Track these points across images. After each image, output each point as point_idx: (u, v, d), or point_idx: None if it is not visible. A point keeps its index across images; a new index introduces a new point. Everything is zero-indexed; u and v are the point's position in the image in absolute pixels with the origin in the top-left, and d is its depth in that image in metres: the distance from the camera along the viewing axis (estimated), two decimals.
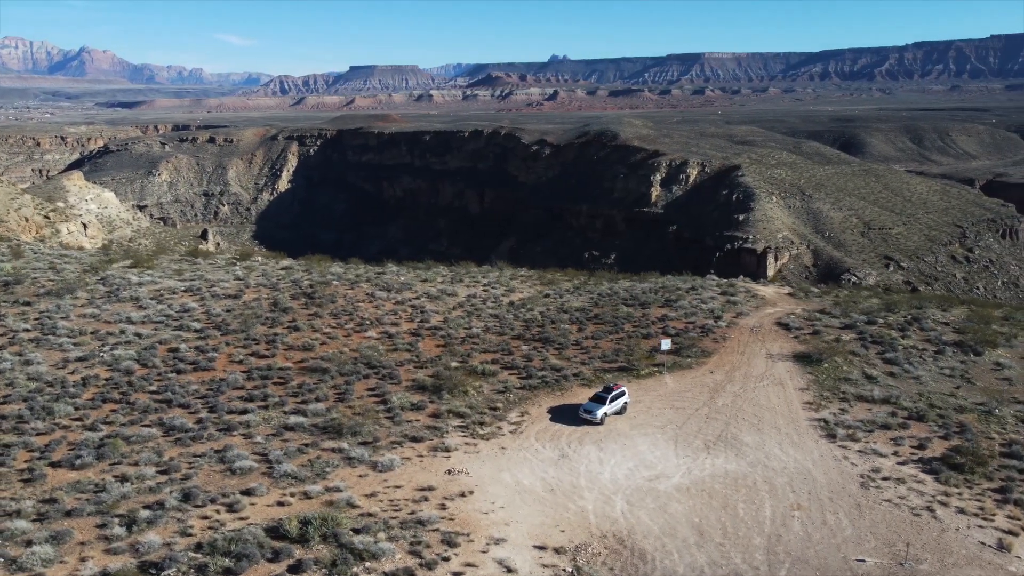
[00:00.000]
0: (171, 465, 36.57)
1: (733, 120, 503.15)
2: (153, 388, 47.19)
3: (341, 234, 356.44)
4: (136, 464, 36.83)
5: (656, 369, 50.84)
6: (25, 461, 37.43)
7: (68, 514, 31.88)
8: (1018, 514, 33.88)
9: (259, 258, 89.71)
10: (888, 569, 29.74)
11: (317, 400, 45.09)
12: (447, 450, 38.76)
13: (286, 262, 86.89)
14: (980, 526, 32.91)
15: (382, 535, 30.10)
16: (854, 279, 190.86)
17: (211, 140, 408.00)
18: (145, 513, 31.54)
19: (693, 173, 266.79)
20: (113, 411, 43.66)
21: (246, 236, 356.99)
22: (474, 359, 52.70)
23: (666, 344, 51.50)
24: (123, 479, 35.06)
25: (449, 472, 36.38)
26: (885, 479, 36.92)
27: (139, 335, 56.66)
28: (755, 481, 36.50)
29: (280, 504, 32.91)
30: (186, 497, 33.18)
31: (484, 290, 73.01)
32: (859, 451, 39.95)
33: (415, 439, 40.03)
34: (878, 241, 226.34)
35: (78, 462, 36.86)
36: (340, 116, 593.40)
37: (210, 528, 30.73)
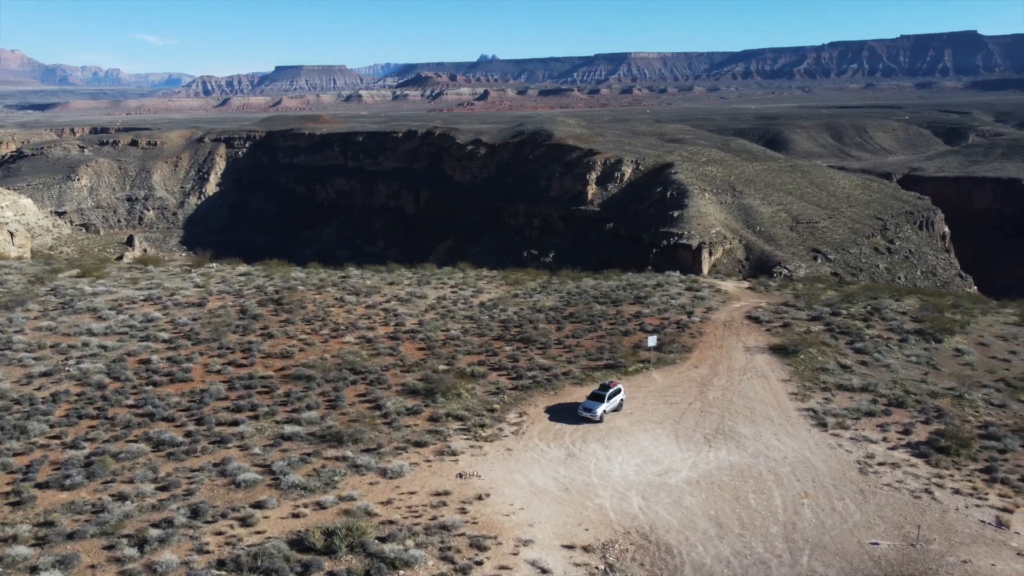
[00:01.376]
0: (170, 481, 35.25)
1: (662, 119, 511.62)
2: (131, 402, 45.41)
3: (273, 237, 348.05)
4: (131, 482, 35.37)
5: (643, 365, 51.44)
6: (8, 483, 35.59)
7: (70, 537, 30.44)
8: (1008, 492, 35.60)
9: (214, 264, 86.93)
10: (901, 550, 30.86)
11: (308, 408, 44.07)
12: (453, 453, 38.41)
13: (243, 268, 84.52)
14: (977, 505, 34.46)
15: (410, 542, 29.68)
16: (785, 272, 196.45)
17: (133, 143, 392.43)
18: (154, 532, 30.36)
19: (628, 171, 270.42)
20: (92, 427, 41.88)
21: (174, 241, 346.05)
22: (460, 361, 52.32)
23: (652, 340, 52.14)
24: (121, 498, 33.67)
25: (460, 476, 36.07)
26: (881, 464, 38.28)
27: (104, 347, 54.38)
28: (760, 472, 37.36)
29: (295, 516, 32.07)
30: (195, 513, 32.02)
31: (452, 292, 72.51)
32: (851, 438, 41.30)
33: (418, 444, 39.53)
34: (806, 234, 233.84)
35: (67, 482, 35.23)
36: (268, 117, 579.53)
37: (227, 544, 29.74)
